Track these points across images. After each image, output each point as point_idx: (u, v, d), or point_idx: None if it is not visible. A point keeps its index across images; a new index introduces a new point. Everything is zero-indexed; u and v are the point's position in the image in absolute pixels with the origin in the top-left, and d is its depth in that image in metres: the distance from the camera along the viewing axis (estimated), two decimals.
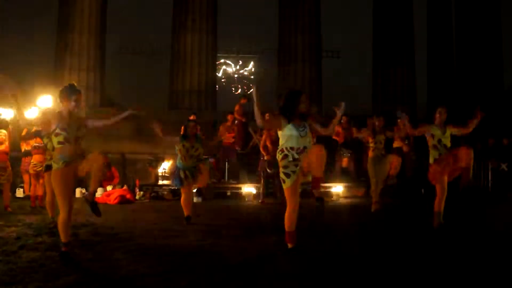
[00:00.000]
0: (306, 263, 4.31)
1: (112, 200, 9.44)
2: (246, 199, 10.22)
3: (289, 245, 4.77)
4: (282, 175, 4.74)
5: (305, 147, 4.69)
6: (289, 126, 4.66)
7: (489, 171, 11.46)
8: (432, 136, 6.27)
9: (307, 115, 4.81)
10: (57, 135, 4.40)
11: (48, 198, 6.84)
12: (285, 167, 4.71)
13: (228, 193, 10.77)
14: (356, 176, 11.54)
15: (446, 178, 6.13)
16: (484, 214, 8.01)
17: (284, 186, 4.77)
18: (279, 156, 4.79)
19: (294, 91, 5.01)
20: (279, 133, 4.80)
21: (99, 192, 10.40)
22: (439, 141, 6.23)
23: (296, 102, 4.74)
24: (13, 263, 4.14)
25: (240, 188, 10.69)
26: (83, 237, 5.53)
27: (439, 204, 6.12)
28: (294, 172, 4.67)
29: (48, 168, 6.55)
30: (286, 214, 4.80)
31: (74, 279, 3.66)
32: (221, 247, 5.02)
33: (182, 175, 6.69)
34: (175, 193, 10.34)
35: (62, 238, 4.37)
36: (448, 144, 6.27)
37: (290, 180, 4.67)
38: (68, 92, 4.48)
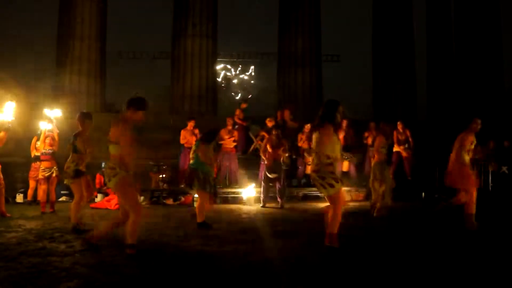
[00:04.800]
0: (308, 267, 4.30)
1: (113, 205, 9.43)
2: (247, 204, 10.20)
3: (335, 246, 4.86)
4: (330, 180, 4.84)
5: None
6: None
7: (489, 174, 11.43)
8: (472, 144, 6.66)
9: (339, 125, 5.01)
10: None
11: (74, 201, 6.41)
12: (332, 172, 4.88)
13: (229, 198, 10.75)
14: (357, 180, 11.50)
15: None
16: (487, 217, 7.98)
17: (331, 192, 4.85)
18: (325, 161, 4.86)
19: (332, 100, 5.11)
20: (315, 138, 4.93)
21: (99, 197, 10.40)
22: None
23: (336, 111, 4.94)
24: (13, 269, 4.12)
25: (241, 193, 10.67)
26: (84, 242, 5.51)
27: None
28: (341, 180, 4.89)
29: (79, 173, 6.33)
30: (330, 218, 4.87)
31: (75, 285, 3.65)
32: (223, 251, 5.00)
33: (201, 177, 6.66)
34: (176, 198, 10.33)
35: (130, 239, 4.64)
36: None
37: (339, 185, 4.84)
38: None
